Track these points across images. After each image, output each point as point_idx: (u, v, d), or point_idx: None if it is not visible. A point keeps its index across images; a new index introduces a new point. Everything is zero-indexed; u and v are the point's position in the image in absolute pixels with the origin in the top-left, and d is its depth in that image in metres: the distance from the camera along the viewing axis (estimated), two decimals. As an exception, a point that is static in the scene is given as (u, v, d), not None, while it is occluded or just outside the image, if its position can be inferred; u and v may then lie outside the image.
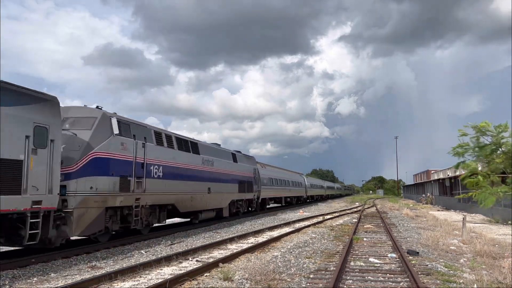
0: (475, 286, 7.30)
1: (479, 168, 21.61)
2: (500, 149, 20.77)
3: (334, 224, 19.91)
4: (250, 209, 26.00)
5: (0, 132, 8.00)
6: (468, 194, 22.58)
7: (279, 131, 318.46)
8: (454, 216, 25.93)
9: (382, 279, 7.96)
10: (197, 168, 17.42)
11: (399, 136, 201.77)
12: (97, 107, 12.16)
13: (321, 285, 7.42)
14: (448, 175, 42.08)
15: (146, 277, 8.14)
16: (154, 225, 14.98)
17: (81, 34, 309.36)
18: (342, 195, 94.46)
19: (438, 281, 7.66)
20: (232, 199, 21.91)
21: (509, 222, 20.35)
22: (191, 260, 9.91)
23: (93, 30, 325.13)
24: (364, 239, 13.99)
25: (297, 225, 18.89)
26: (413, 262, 9.49)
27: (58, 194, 9.44)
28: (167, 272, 8.58)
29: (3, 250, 10.84)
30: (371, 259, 9.95)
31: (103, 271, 8.47)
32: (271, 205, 35.40)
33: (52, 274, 8.47)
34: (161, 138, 14.64)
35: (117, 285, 7.50)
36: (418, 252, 10.78)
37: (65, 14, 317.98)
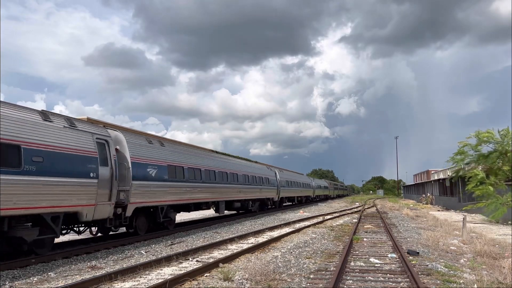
0: (475, 286, 7.30)
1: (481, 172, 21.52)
2: (506, 156, 20.66)
3: (334, 224, 19.90)
4: None
5: None
6: (476, 205, 22.29)
7: (280, 131, 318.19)
8: (454, 216, 25.92)
9: (382, 279, 7.96)
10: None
11: (399, 136, 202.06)
12: None
13: (321, 285, 7.41)
14: (448, 175, 42.00)
15: (146, 277, 8.14)
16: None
17: (81, 34, 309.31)
18: (331, 197, 67.05)
19: (438, 281, 7.66)
20: None
21: (509, 222, 20.35)
22: (191, 260, 9.91)
23: (93, 31, 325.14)
24: (364, 239, 13.99)
25: (297, 225, 18.90)
26: (413, 262, 9.49)
27: None
28: (167, 272, 8.58)
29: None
30: (371, 259, 9.95)
31: (103, 271, 8.47)
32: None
33: (52, 274, 8.47)
34: None
35: (117, 285, 7.50)
36: (418, 252, 10.78)
37: (66, 15, 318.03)
